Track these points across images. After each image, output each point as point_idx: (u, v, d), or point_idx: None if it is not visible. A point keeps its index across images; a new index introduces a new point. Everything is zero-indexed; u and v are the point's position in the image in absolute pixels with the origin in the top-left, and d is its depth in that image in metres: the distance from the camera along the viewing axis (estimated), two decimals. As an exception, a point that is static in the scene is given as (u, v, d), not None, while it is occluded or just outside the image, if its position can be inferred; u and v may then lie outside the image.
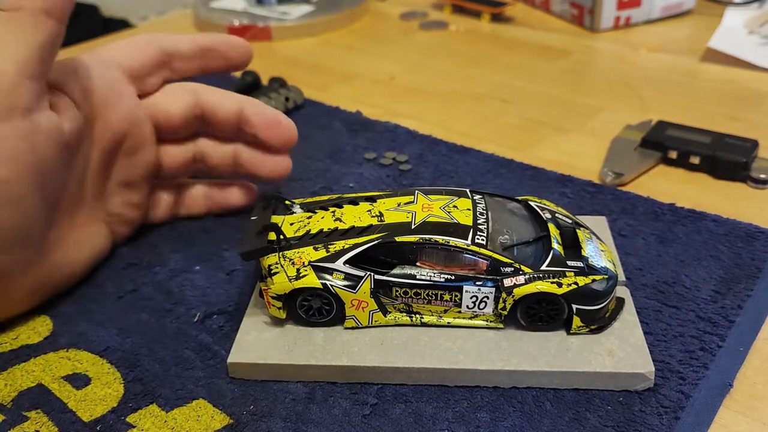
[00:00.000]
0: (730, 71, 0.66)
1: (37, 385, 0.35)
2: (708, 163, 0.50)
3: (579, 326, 0.35)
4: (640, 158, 0.51)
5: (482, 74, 0.70)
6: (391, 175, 0.52)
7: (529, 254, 0.36)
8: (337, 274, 0.35)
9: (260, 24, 0.82)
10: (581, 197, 0.48)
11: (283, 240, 0.36)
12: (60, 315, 0.40)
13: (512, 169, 0.52)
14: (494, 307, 0.35)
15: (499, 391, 0.34)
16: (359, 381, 0.34)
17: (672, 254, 0.42)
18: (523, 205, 0.39)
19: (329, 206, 0.39)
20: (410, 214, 0.36)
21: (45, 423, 0.33)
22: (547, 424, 0.32)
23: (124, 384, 0.35)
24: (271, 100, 0.61)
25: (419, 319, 0.36)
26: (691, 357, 0.35)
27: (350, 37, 0.83)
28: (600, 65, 0.71)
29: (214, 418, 0.33)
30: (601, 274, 0.35)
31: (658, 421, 0.32)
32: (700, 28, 0.77)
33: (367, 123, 0.60)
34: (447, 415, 0.33)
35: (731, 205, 0.47)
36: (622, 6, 0.77)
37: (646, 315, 0.37)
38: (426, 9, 0.90)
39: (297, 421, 0.33)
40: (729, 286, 0.39)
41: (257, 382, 0.35)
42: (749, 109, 0.59)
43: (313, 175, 0.53)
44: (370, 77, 0.71)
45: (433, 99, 0.65)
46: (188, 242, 0.46)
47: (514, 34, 0.80)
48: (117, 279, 0.42)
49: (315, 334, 0.36)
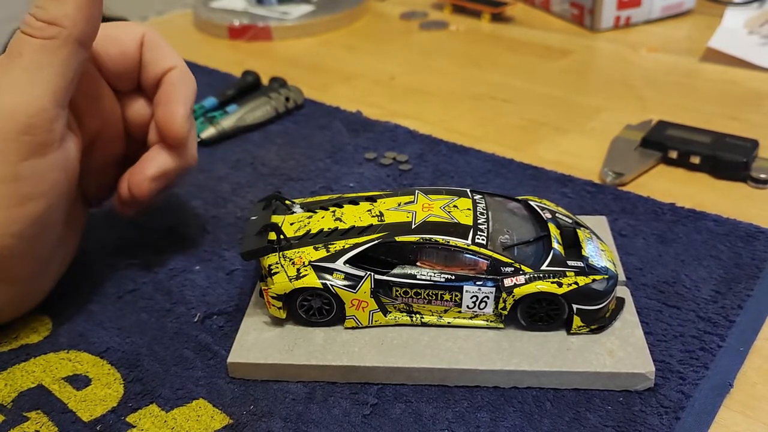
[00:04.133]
0: (730, 71, 0.66)
1: (38, 386, 0.35)
2: (708, 163, 0.50)
3: (579, 326, 0.35)
4: (640, 158, 0.51)
5: (482, 74, 0.70)
6: (391, 175, 0.52)
7: (530, 254, 0.36)
8: (338, 273, 0.35)
9: (260, 24, 0.82)
10: (581, 197, 0.48)
11: (284, 240, 0.36)
12: (60, 315, 0.40)
13: (512, 169, 0.52)
14: (494, 307, 0.35)
15: (499, 391, 0.34)
16: (359, 381, 0.34)
17: (672, 254, 0.42)
18: (524, 204, 0.39)
19: (329, 206, 0.39)
20: (410, 213, 0.36)
21: (45, 423, 0.33)
22: (547, 424, 0.32)
23: (124, 384, 0.35)
24: (271, 100, 0.61)
25: (419, 319, 0.36)
26: (692, 357, 0.35)
27: (350, 37, 0.83)
28: (600, 65, 0.71)
29: (214, 418, 0.33)
30: (602, 274, 0.35)
31: (658, 421, 0.32)
32: (700, 28, 0.77)
33: (367, 123, 0.60)
34: (447, 415, 0.33)
35: (731, 205, 0.47)
36: (622, 6, 0.77)
37: (647, 315, 0.37)
38: (426, 9, 0.90)
39: (297, 421, 0.33)
40: (729, 286, 0.39)
41: (257, 382, 0.35)
42: (749, 109, 0.59)
43: (313, 175, 0.53)
44: (370, 77, 0.71)
45: (433, 99, 0.65)
46: (188, 242, 0.46)
47: (514, 34, 0.80)
48: (117, 279, 0.42)
49: (315, 334, 0.36)
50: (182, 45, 0.80)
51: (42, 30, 0.33)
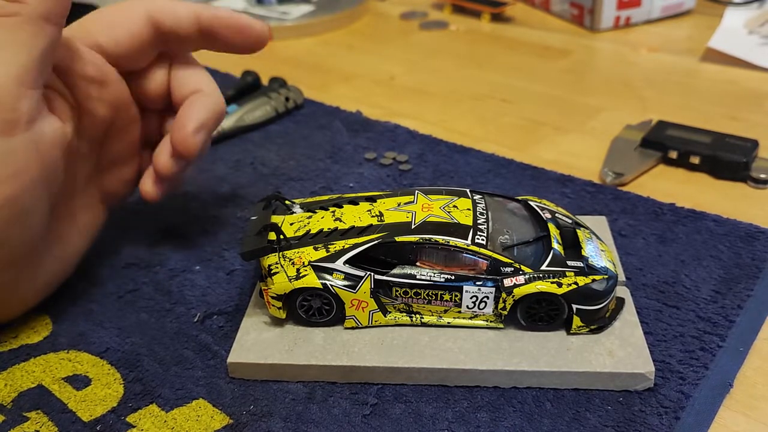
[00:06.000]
0: (730, 71, 0.66)
1: (38, 386, 0.35)
2: (708, 163, 0.50)
3: (579, 326, 0.35)
4: (640, 158, 0.51)
5: (482, 74, 0.70)
6: (391, 175, 0.52)
7: (529, 254, 0.36)
8: (337, 274, 0.35)
9: (260, 24, 0.82)
10: (581, 197, 0.48)
11: (283, 240, 0.36)
12: (60, 315, 0.40)
13: (512, 169, 0.52)
14: (494, 307, 0.35)
15: (499, 391, 0.34)
16: (359, 381, 0.34)
17: (672, 254, 0.42)
18: (523, 205, 0.39)
19: (329, 206, 0.39)
20: (410, 214, 0.36)
21: (45, 423, 0.33)
22: (547, 424, 0.32)
23: (124, 384, 0.35)
24: (271, 100, 0.61)
25: (419, 319, 0.36)
26: (691, 357, 0.35)
27: (350, 37, 0.83)
28: (600, 65, 0.71)
29: (213, 418, 0.33)
30: (601, 274, 0.35)
31: (658, 421, 0.32)
32: (700, 28, 0.77)
33: (367, 123, 0.60)
34: (447, 415, 0.33)
35: (731, 205, 0.47)
36: (622, 6, 0.77)
37: (646, 315, 0.37)
38: (426, 9, 0.90)
39: (297, 421, 0.33)
40: (729, 286, 0.39)
41: (257, 382, 0.35)
42: (749, 109, 0.59)
43: (313, 175, 0.53)
44: (370, 77, 0.71)
45: (433, 99, 0.65)
46: (188, 242, 0.46)
47: (514, 34, 0.80)
48: (117, 279, 0.42)
49: (315, 334, 0.36)
50: (182, 45, 0.80)
51: (2, 7, 0.32)
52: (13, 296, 0.37)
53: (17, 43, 0.33)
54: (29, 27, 0.33)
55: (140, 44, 0.40)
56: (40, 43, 0.33)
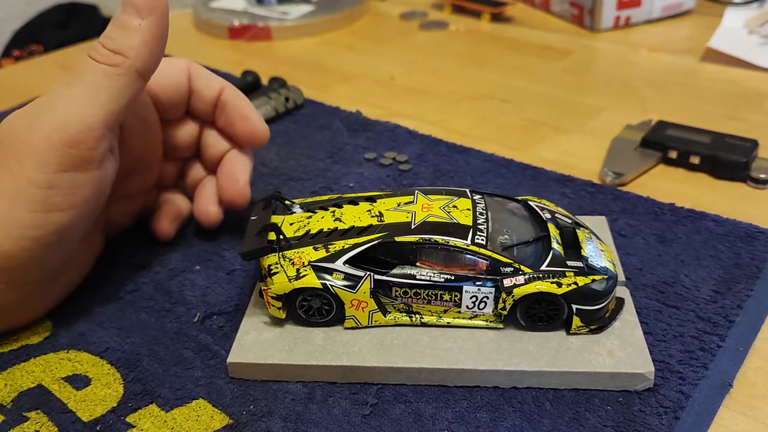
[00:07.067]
0: (730, 71, 0.66)
1: (37, 385, 0.35)
2: (708, 163, 0.50)
3: (579, 326, 0.35)
4: (640, 158, 0.51)
5: (482, 74, 0.70)
6: (391, 175, 0.52)
7: (529, 254, 0.36)
8: (337, 274, 0.35)
9: (260, 24, 0.82)
10: (581, 197, 0.48)
11: (283, 240, 0.36)
12: (60, 315, 0.40)
13: (512, 169, 0.52)
14: (494, 307, 0.35)
15: (498, 391, 0.34)
16: (359, 381, 0.34)
17: (672, 254, 0.42)
18: (523, 205, 0.39)
19: (329, 206, 0.39)
20: (410, 214, 0.36)
21: (45, 423, 0.33)
22: (547, 424, 0.32)
23: (124, 384, 0.35)
24: (271, 100, 0.61)
25: (419, 319, 0.36)
26: (691, 357, 0.35)
27: (350, 37, 0.83)
28: (600, 65, 0.71)
29: (213, 418, 0.33)
30: (601, 274, 0.35)
31: (658, 421, 0.32)
32: (700, 28, 0.77)
33: (367, 123, 0.60)
34: (447, 415, 0.33)
35: (731, 205, 0.47)
36: (622, 6, 0.77)
37: (646, 315, 0.37)
38: (426, 9, 0.90)
39: (297, 421, 0.33)
40: (729, 286, 0.39)
41: (257, 382, 0.35)
42: (749, 109, 0.59)
43: (313, 175, 0.53)
44: (370, 77, 0.71)
45: (432, 99, 0.65)
46: (188, 242, 0.46)
47: (514, 34, 0.80)
48: (117, 279, 0.42)
49: (315, 334, 0.36)
50: (182, 45, 0.80)
51: (107, 57, 0.36)
52: (26, 311, 0.39)
53: (112, 90, 0.36)
54: (125, 78, 0.36)
55: (180, 96, 0.43)
56: (129, 93, 0.36)
